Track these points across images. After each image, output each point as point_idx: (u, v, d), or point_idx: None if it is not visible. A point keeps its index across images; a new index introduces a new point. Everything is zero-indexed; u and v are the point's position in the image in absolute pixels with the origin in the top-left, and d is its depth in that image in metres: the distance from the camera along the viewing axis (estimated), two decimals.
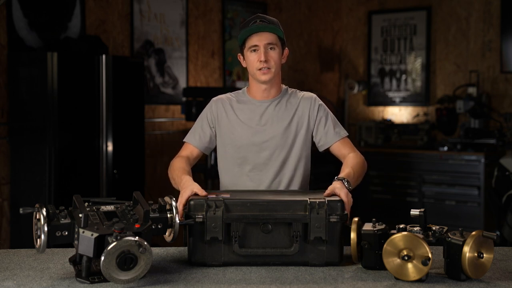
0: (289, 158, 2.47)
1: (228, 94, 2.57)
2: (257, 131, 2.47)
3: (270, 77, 2.43)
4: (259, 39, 2.39)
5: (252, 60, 2.42)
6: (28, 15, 4.51)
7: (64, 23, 4.75)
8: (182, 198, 2.13)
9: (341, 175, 2.29)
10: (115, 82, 4.44)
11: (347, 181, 2.24)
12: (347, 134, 2.55)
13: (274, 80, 2.47)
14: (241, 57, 2.50)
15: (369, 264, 1.97)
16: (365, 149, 6.55)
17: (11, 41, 4.41)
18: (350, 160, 2.41)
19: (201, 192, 2.14)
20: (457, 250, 1.83)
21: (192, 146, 2.54)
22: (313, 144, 2.55)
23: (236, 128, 2.48)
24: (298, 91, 2.57)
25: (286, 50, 2.49)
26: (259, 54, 2.39)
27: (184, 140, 2.57)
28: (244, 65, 2.49)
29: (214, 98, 2.57)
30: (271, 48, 2.41)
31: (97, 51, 4.50)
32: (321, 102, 2.54)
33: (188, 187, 2.18)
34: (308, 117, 2.49)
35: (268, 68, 2.41)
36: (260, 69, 2.41)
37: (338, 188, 2.16)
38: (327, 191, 2.15)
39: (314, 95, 2.55)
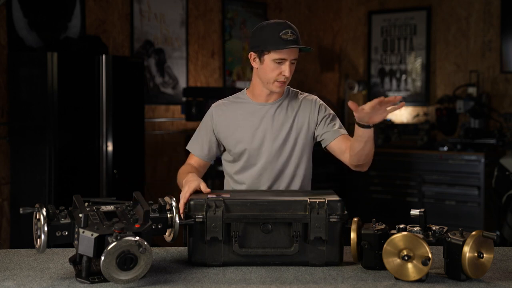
0: (289, 163, 2.46)
1: (227, 98, 2.55)
2: (257, 135, 2.46)
3: (284, 88, 2.45)
4: (289, 54, 2.35)
5: (273, 70, 2.37)
6: (28, 15, 4.51)
7: (64, 23, 4.75)
8: (190, 188, 2.13)
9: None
10: (115, 82, 4.44)
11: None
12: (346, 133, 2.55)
13: None
14: (255, 58, 2.41)
15: (369, 264, 1.97)
16: None
17: (11, 41, 4.41)
18: None
19: (205, 188, 2.15)
20: (457, 250, 1.83)
21: (196, 157, 2.54)
22: (314, 145, 2.54)
23: (236, 132, 2.48)
24: (300, 92, 2.55)
25: None
26: (284, 68, 2.36)
27: (187, 148, 2.57)
28: (255, 65, 2.42)
29: (214, 104, 2.55)
30: (293, 63, 2.38)
31: (97, 51, 4.50)
32: (322, 102, 2.52)
33: (195, 180, 2.19)
34: (309, 120, 2.48)
35: (285, 82, 2.41)
36: (279, 81, 2.39)
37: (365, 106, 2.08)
38: (358, 112, 2.09)
39: (315, 97, 2.53)
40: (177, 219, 1.94)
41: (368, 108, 2.06)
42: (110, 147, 4.44)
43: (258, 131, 2.46)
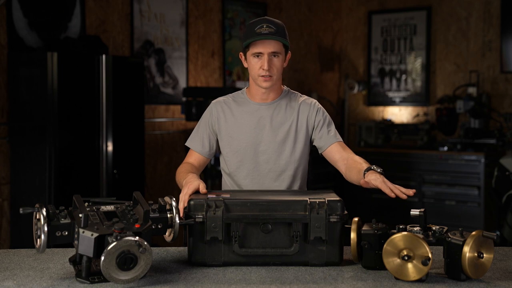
0: (288, 163, 2.46)
1: (227, 96, 2.56)
2: (255, 134, 2.46)
3: (271, 84, 2.43)
4: (264, 47, 2.37)
5: (254, 65, 2.40)
6: (28, 15, 4.51)
7: (64, 23, 4.76)
8: (189, 190, 2.13)
9: (366, 165, 2.25)
10: (115, 82, 4.44)
11: (375, 165, 2.21)
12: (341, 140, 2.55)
13: (274, 85, 2.46)
14: (243, 57, 2.48)
15: (369, 264, 1.97)
16: (365, 149, 6.56)
17: (11, 41, 4.41)
18: (358, 158, 2.37)
19: (203, 189, 2.15)
20: (457, 250, 1.84)
21: (196, 153, 2.54)
22: (313, 145, 2.55)
23: (234, 131, 2.48)
24: (299, 94, 2.55)
25: (289, 54, 2.47)
26: (263, 62, 2.38)
27: (186, 144, 2.57)
28: (245, 65, 2.48)
29: (213, 101, 2.56)
30: (274, 56, 2.39)
31: (97, 51, 4.50)
32: (320, 106, 2.53)
33: (194, 181, 2.19)
34: (307, 122, 2.48)
35: (270, 76, 2.40)
36: (262, 76, 2.40)
37: (374, 180, 2.12)
38: (364, 185, 2.13)
39: (314, 100, 2.54)
40: (177, 219, 1.94)
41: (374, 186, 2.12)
42: (110, 147, 4.44)
43: (256, 131, 2.46)
